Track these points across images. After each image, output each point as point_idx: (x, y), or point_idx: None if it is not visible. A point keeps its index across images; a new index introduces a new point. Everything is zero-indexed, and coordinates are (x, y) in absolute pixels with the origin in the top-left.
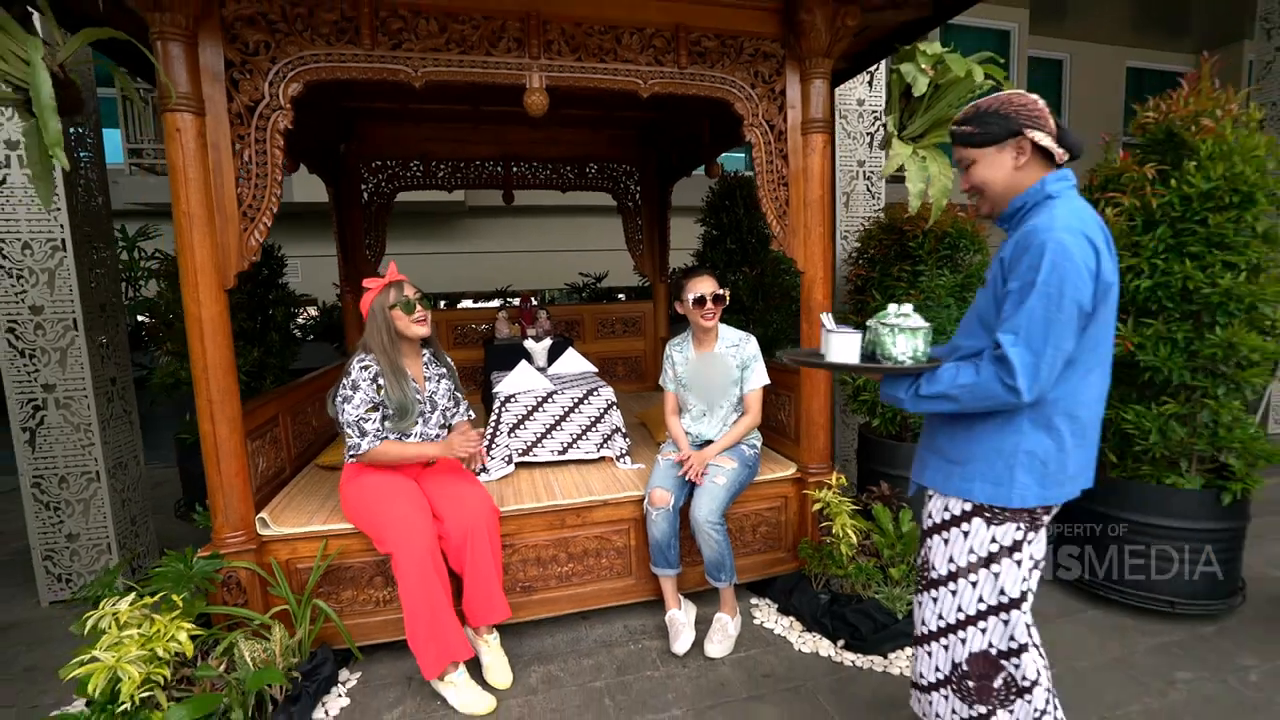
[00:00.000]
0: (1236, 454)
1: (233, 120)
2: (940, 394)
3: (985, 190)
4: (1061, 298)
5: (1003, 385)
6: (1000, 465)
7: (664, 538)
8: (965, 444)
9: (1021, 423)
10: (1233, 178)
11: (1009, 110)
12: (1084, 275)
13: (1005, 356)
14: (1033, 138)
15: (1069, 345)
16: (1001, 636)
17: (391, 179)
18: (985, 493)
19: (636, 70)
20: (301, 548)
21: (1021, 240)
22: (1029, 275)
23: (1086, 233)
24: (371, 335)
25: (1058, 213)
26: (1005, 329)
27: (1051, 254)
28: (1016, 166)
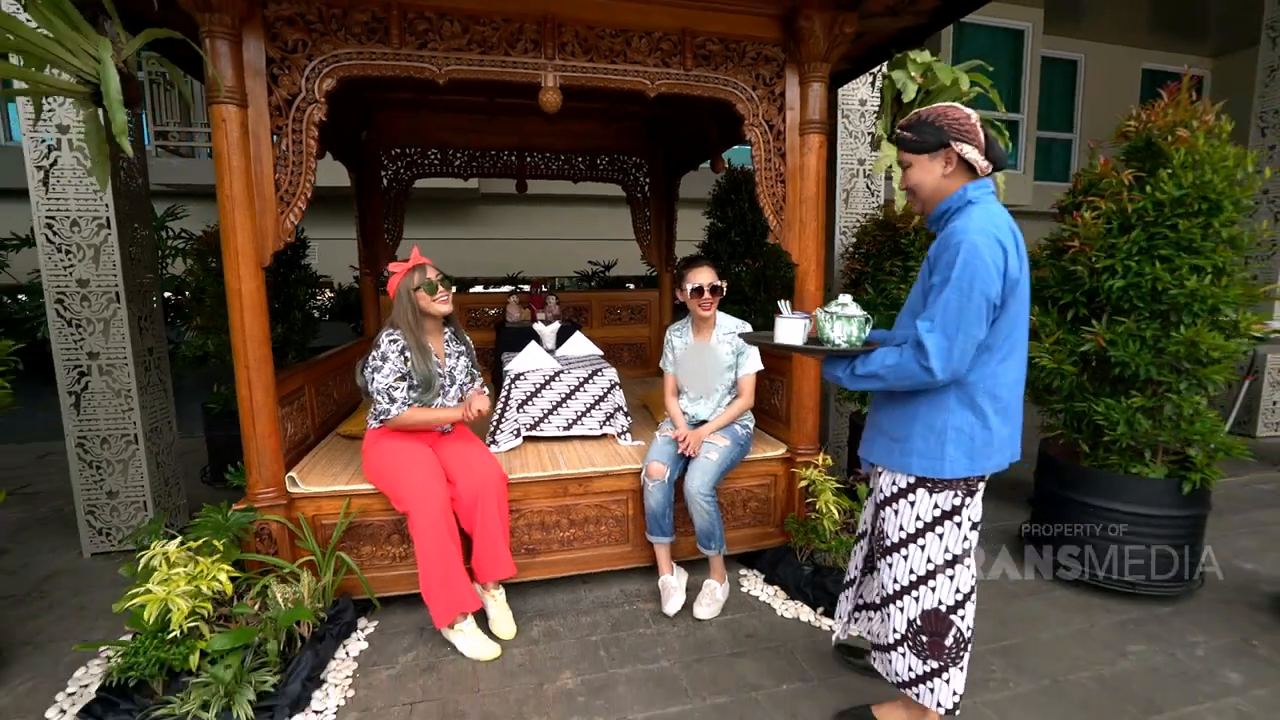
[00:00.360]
0: (1197, 446)
1: (272, 112)
2: (871, 374)
3: (917, 192)
4: (972, 290)
5: (920, 366)
6: (933, 440)
7: (659, 508)
8: (903, 422)
9: (949, 402)
10: (1202, 186)
11: (943, 123)
12: (993, 272)
13: (921, 341)
14: (959, 150)
15: (979, 332)
16: (949, 592)
17: (410, 166)
18: (921, 465)
19: (645, 71)
20: (326, 505)
21: (943, 240)
22: (946, 271)
23: (998, 235)
24: (399, 315)
25: (974, 217)
26: (924, 317)
27: (965, 253)
28: (944, 174)
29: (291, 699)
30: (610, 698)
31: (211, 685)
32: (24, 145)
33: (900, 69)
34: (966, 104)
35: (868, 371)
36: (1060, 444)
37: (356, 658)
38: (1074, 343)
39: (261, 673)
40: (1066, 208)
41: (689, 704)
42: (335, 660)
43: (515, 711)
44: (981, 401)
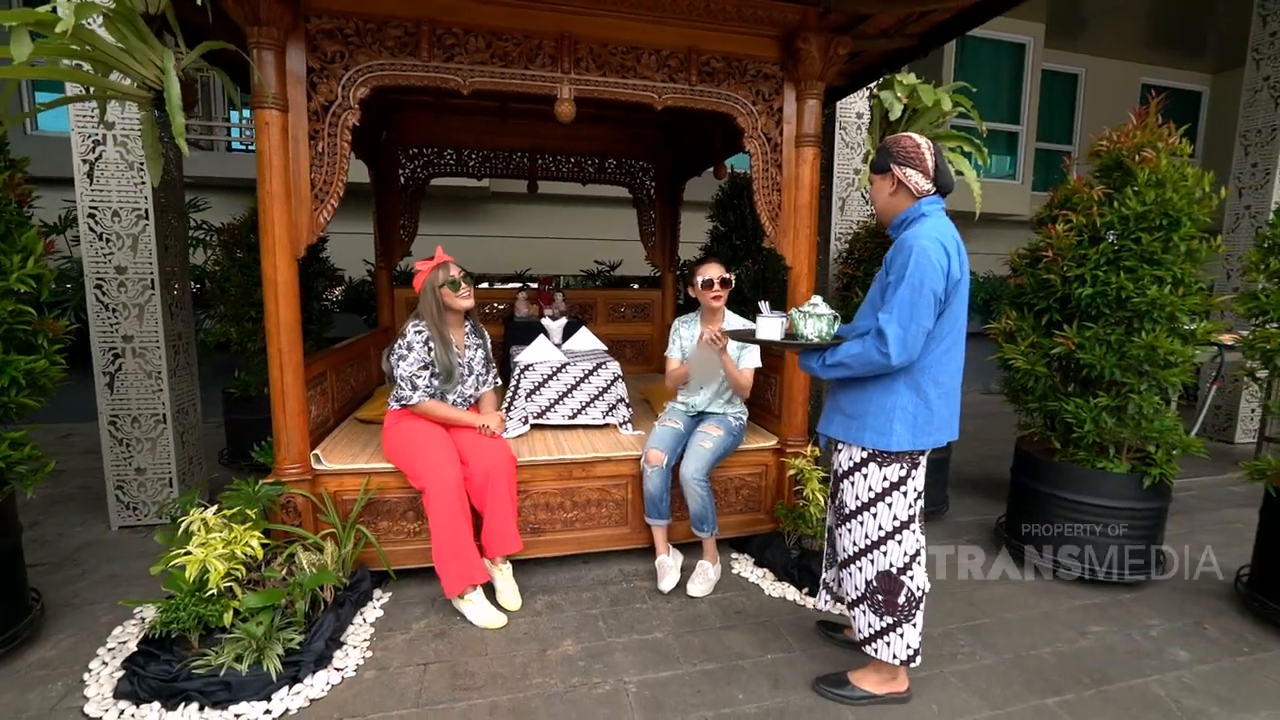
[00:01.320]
0: (1156, 443)
1: (310, 117)
2: (838, 363)
3: (874, 205)
4: (922, 287)
5: (878, 352)
6: (883, 418)
7: (657, 492)
8: (858, 402)
9: (899, 385)
10: (1163, 203)
11: (894, 149)
12: (939, 271)
13: (882, 330)
14: (902, 173)
15: (928, 323)
16: (899, 555)
17: (426, 166)
18: (873, 439)
19: (653, 86)
20: (348, 482)
21: (898, 245)
22: (900, 271)
23: (943, 242)
24: (424, 308)
25: (925, 227)
26: (883, 311)
27: (916, 255)
28: (890, 192)
29: (316, 656)
30: (608, 662)
31: (244, 640)
32: (72, 140)
33: (888, 90)
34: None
35: (835, 361)
36: (1035, 441)
37: (373, 624)
38: (1047, 346)
39: (289, 631)
40: (1043, 220)
41: (680, 669)
42: (353, 625)
43: (520, 673)
44: (926, 385)
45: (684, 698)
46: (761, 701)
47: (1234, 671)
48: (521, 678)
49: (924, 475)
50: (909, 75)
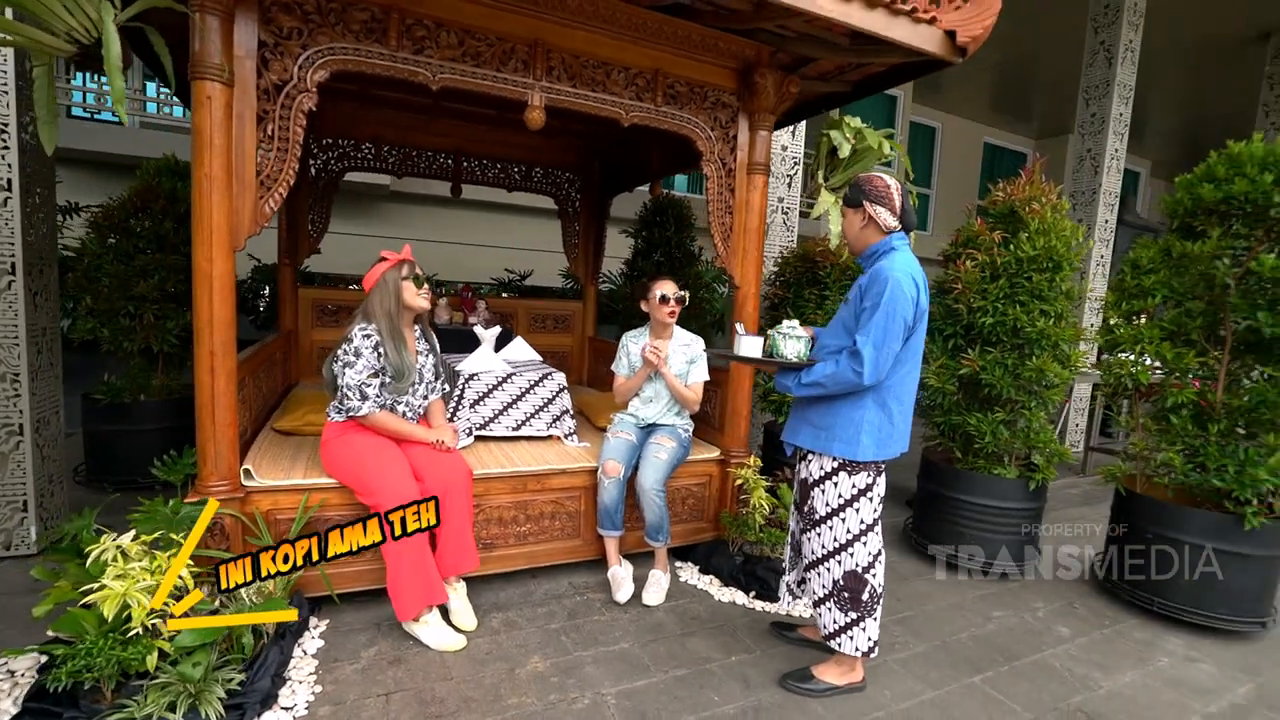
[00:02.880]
0: (1040, 453)
1: (259, 95)
2: (814, 382)
3: (845, 235)
4: (894, 314)
5: (853, 372)
6: (851, 430)
7: (613, 503)
8: (828, 415)
9: (867, 401)
10: (1049, 249)
11: (866, 186)
12: (908, 301)
13: (858, 351)
14: (872, 210)
15: (897, 347)
16: (864, 555)
17: (341, 158)
18: (841, 449)
19: (620, 102)
20: (283, 499)
21: (873, 275)
22: (876, 299)
23: (914, 275)
24: (379, 302)
25: (896, 261)
26: (860, 333)
27: (891, 286)
28: (860, 226)
29: (261, 695)
30: (581, 677)
31: (174, 685)
32: None
33: (836, 129)
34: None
35: (811, 380)
36: (939, 451)
37: (315, 655)
38: (954, 367)
39: (227, 670)
40: (950, 256)
41: (654, 677)
42: (294, 658)
43: (493, 694)
44: (890, 402)
45: (664, 705)
46: (737, 701)
47: (1103, 641)
48: (495, 699)
49: (884, 483)
50: (855, 119)
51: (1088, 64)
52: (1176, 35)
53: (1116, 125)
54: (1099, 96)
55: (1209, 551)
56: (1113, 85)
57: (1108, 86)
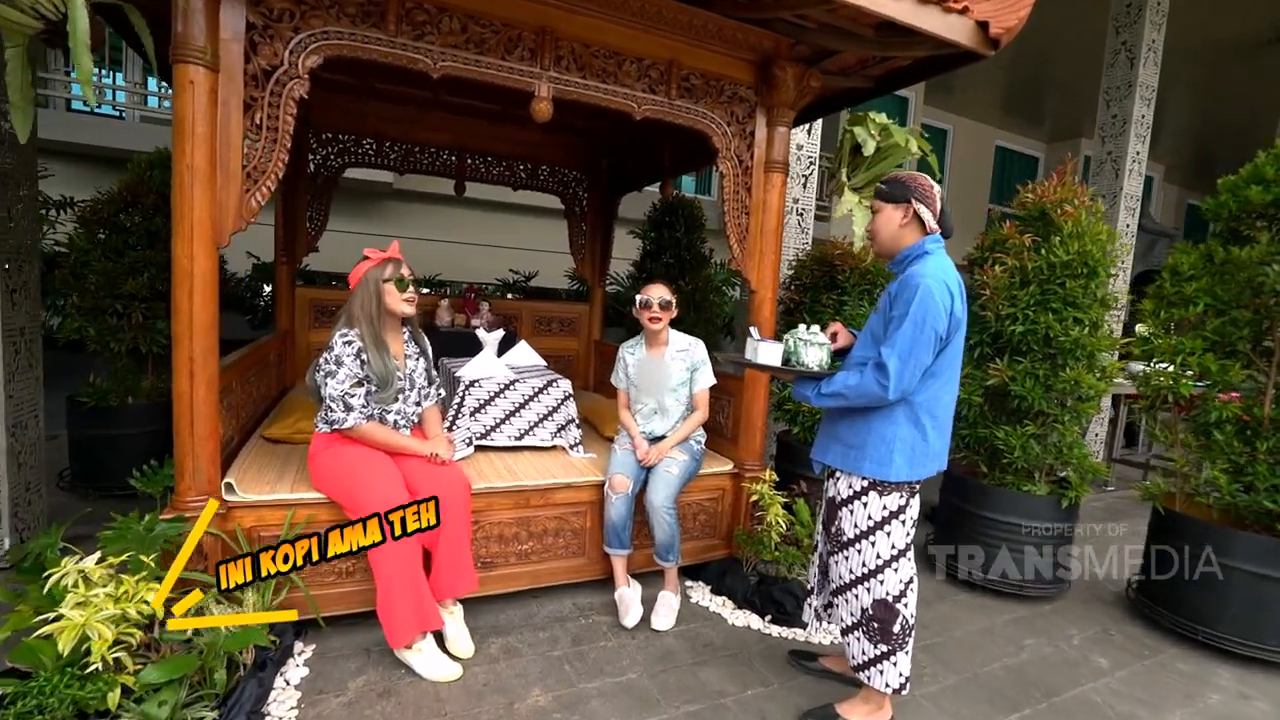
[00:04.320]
0: (1073, 469)
1: (247, 81)
2: (835, 392)
3: (877, 235)
4: (924, 325)
5: (878, 384)
6: (883, 449)
7: (620, 520)
8: (859, 432)
9: (899, 417)
10: (1084, 254)
11: (910, 184)
12: (942, 311)
13: (883, 363)
14: (916, 208)
15: (927, 359)
16: (895, 583)
17: (341, 154)
18: (872, 469)
19: (632, 95)
20: (267, 515)
21: (904, 281)
22: (905, 307)
23: (947, 282)
24: (360, 304)
25: (930, 265)
26: (886, 344)
27: (921, 294)
28: (900, 225)
29: None
30: (586, 713)
31: None
32: None
33: (861, 126)
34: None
35: (832, 391)
36: (963, 465)
37: (298, 686)
38: (981, 377)
39: (197, 707)
40: (976, 261)
41: (664, 714)
42: (274, 690)
43: None
44: (924, 418)
45: None
46: None
47: (1145, 674)
48: None
49: (919, 505)
50: (880, 114)
51: (1109, 64)
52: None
53: (1138, 127)
54: (1120, 98)
55: (1261, 578)
56: (1135, 86)
57: (1129, 87)
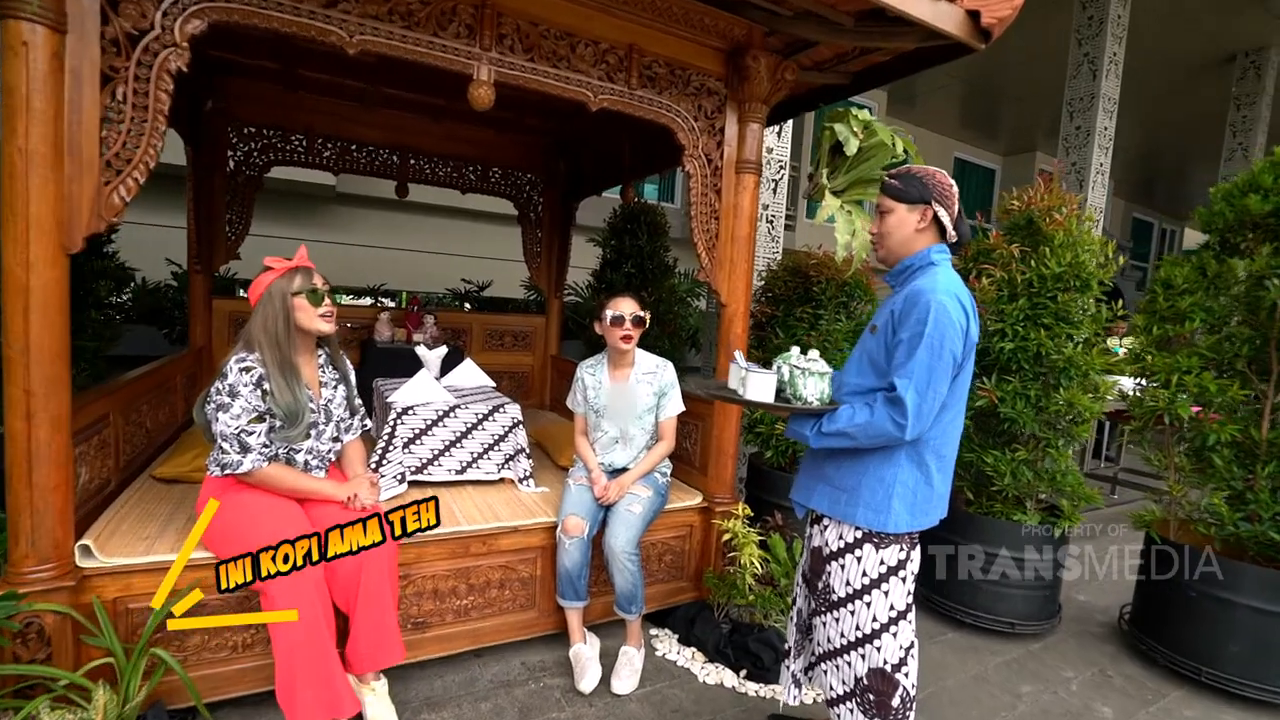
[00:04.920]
0: (1066, 496)
1: (106, 47)
2: (839, 431)
3: (887, 239)
4: (942, 349)
5: (893, 423)
6: (880, 494)
7: (575, 568)
8: (851, 474)
9: (900, 458)
10: (1076, 265)
11: (930, 182)
12: (958, 331)
13: (900, 398)
14: (936, 211)
15: (944, 390)
16: (894, 650)
17: (266, 150)
18: (866, 518)
19: (588, 82)
20: (138, 583)
21: (911, 297)
22: (917, 328)
23: (960, 298)
24: (262, 324)
25: (939, 279)
26: (900, 375)
27: (935, 311)
28: (916, 228)
29: None
30: None
31: None
32: None
33: (843, 123)
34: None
35: (835, 429)
36: None
37: None
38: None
39: None
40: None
41: None
42: None
43: None
44: (928, 458)
45: None
46: None
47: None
48: None
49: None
50: (863, 111)
51: (1071, 76)
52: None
53: (1101, 139)
54: (1084, 109)
55: (1264, 614)
56: (1097, 98)
57: (1092, 99)
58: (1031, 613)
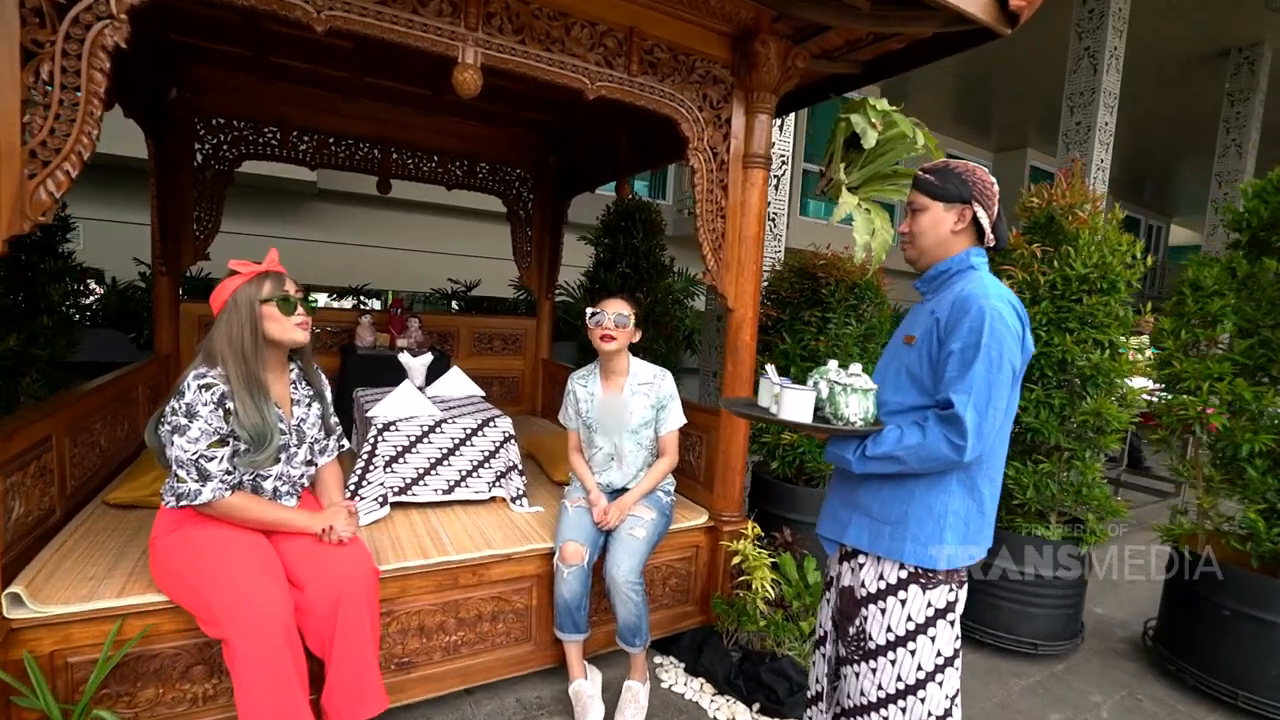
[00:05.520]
0: (1092, 510)
1: (26, 17)
2: (886, 455)
3: (919, 239)
4: (1002, 361)
5: (950, 445)
6: (931, 526)
7: (575, 598)
8: (895, 504)
9: (951, 484)
10: (1103, 266)
11: (970, 179)
12: (1016, 341)
13: (958, 416)
14: (975, 211)
15: (1003, 406)
16: (939, 701)
17: (237, 143)
18: (915, 554)
19: (585, 68)
20: (79, 634)
21: (960, 304)
22: (972, 338)
23: (1014, 304)
24: (226, 335)
25: (987, 285)
26: (957, 390)
27: (991, 319)
28: (952, 229)
29: None
30: None
31: None
32: None
33: (859, 113)
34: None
35: (881, 453)
36: None
37: None
38: None
39: None
40: None
41: None
42: None
43: None
44: (981, 483)
45: None
46: None
47: None
48: None
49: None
50: (881, 100)
51: (1071, 70)
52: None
53: (1102, 134)
54: (1084, 104)
55: None
56: (1098, 93)
57: (1093, 94)
58: (1055, 632)
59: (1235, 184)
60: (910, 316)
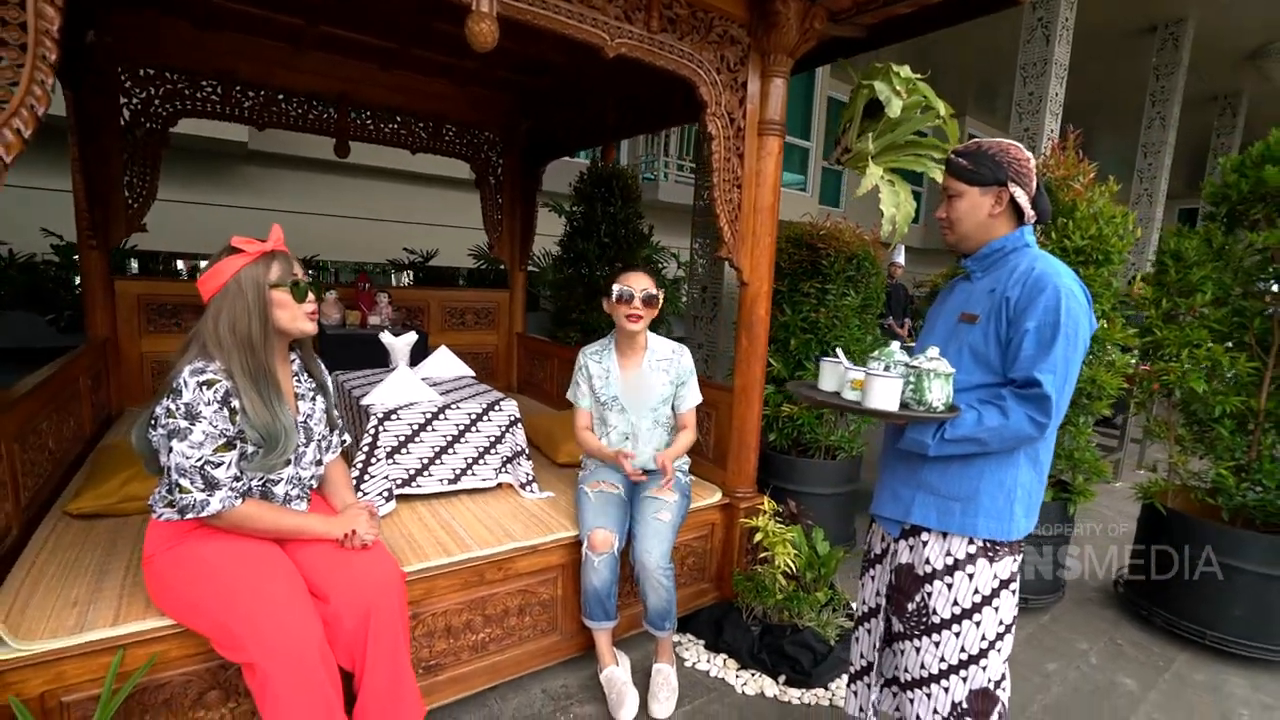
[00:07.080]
0: (1080, 471)
1: None
2: (965, 437)
3: (958, 225)
4: (1078, 339)
5: (1032, 423)
6: (1002, 499)
7: (605, 586)
8: (965, 480)
9: (1019, 458)
10: (1100, 238)
11: (1004, 160)
12: (1088, 317)
13: (1045, 395)
14: (1013, 192)
15: (1075, 382)
16: (998, 667)
17: (171, 97)
18: (989, 527)
19: (605, 23)
20: (73, 670)
21: (1034, 284)
22: (1049, 317)
23: (1081, 284)
24: (230, 323)
25: (1051, 261)
26: (1041, 369)
27: (1066, 300)
28: (991, 213)
29: None
30: None
31: None
32: None
33: (882, 79)
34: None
35: (960, 435)
36: None
37: None
38: None
39: None
40: None
41: None
42: None
43: None
44: (1043, 456)
45: None
46: None
47: (1172, 693)
48: None
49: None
50: (904, 66)
51: (1025, 41)
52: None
53: (1052, 105)
54: (1036, 75)
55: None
56: (1050, 64)
57: (1045, 65)
58: (1042, 587)
59: (1159, 155)
60: (960, 294)
